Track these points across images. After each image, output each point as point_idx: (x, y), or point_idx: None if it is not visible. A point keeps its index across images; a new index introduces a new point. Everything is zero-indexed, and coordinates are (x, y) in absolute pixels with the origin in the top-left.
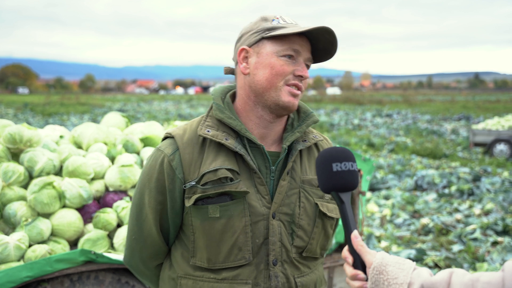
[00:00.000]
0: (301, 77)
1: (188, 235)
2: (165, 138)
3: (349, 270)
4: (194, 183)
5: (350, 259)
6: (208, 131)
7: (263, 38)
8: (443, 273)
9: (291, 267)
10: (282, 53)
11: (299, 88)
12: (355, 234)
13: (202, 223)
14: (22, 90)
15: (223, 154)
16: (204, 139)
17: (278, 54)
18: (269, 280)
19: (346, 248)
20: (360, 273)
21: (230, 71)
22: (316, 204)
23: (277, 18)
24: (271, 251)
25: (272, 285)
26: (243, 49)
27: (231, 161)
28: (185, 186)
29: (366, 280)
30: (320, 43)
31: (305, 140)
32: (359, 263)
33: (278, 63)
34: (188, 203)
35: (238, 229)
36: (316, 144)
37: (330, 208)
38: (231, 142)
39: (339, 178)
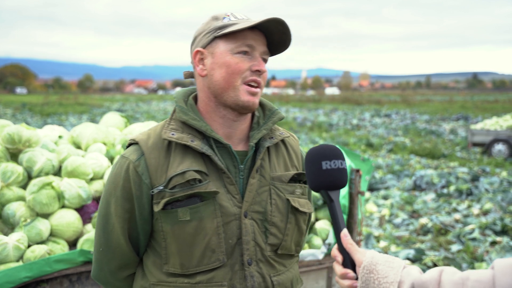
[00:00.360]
0: (259, 72)
1: (160, 242)
2: (129, 145)
3: (339, 269)
4: (162, 187)
5: (339, 257)
6: (173, 134)
7: (215, 38)
8: (433, 272)
9: (267, 266)
10: (236, 50)
11: (258, 84)
12: (344, 232)
13: (172, 228)
14: (20, 90)
15: (190, 156)
16: (170, 142)
17: (232, 51)
18: (245, 281)
19: (335, 246)
20: (350, 272)
21: (189, 75)
22: (288, 200)
23: (228, 16)
24: (245, 251)
25: (248, 285)
26: (197, 51)
27: (199, 163)
28: (152, 192)
29: (356, 279)
30: (274, 35)
31: (272, 137)
32: (349, 262)
33: (233, 61)
34: (157, 208)
35: (210, 231)
36: (283, 141)
37: (302, 203)
38: (197, 144)
39: (328, 176)
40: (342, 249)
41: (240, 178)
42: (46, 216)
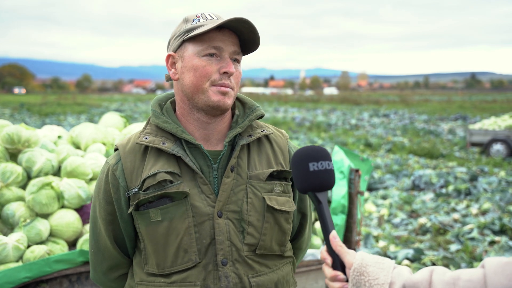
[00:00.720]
0: (227, 74)
1: (140, 242)
2: (115, 150)
3: (329, 271)
4: (136, 189)
5: (329, 260)
6: (146, 138)
7: (184, 41)
8: (424, 272)
9: (244, 266)
10: (203, 53)
11: (227, 86)
12: (333, 234)
13: (146, 228)
14: (18, 90)
15: (163, 159)
16: (146, 146)
17: (199, 54)
18: (219, 281)
19: (324, 248)
20: (340, 274)
21: (169, 78)
22: (264, 198)
23: (198, 17)
24: (219, 251)
25: (222, 285)
26: (169, 56)
27: (172, 164)
28: (128, 194)
29: (346, 281)
30: (244, 34)
31: (250, 135)
32: (339, 264)
33: (200, 64)
34: (130, 209)
35: (182, 231)
36: (268, 138)
37: (281, 201)
38: (168, 146)
39: (315, 178)
40: (331, 251)
41: (214, 178)
42: (45, 216)
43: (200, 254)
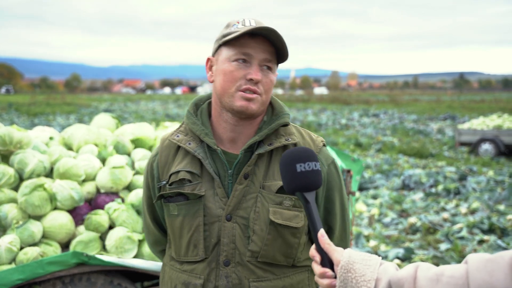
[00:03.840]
0: (253, 81)
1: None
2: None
3: (317, 268)
4: (164, 182)
5: (317, 257)
6: (178, 136)
7: (220, 45)
8: (409, 268)
9: (246, 270)
10: (233, 58)
11: (254, 92)
12: (321, 232)
13: (167, 219)
14: (3, 90)
15: (188, 158)
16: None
17: (230, 59)
18: (219, 279)
19: (313, 247)
20: (328, 271)
21: None
22: (269, 210)
23: (238, 23)
24: (222, 252)
25: (222, 283)
26: (208, 59)
27: (194, 164)
28: (158, 185)
29: (335, 277)
30: (276, 43)
31: (271, 144)
32: (327, 261)
33: (228, 69)
34: (154, 200)
35: (193, 228)
36: (295, 146)
37: (287, 216)
38: (192, 147)
39: (303, 178)
40: (319, 249)
41: (229, 182)
42: (38, 218)
43: (207, 251)
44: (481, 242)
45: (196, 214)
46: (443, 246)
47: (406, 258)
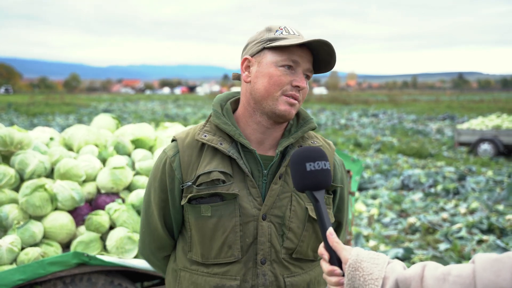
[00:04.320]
0: (298, 87)
1: (187, 231)
2: (172, 141)
3: (326, 266)
4: (190, 183)
5: (326, 255)
6: (205, 135)
7: (264, 48)
8: (416, 267)
9: (280, 267)
10: (281, 63)
11: (296, 98)
12: (330, 231)
13: (196, 221)
14: (3, 90)
15: (218, 158)
16: (203, 143)
17: (277, 64)
18: (257, 278)
19: (322, 245)
20: (336, 269)
21: (237, 77)
22: (307, 208)
23: (281, 29)
24: (259, 251)
25: (260, 282)
26: (245, 59)
27: (225, 165)
28: (182, 186)
29: (343, 275)
30: (320, 54)
31: (300, 146)
32: (335, 259)
33: (276, 73)
34: (183, 201)
35: (228, 228)
36: None
37: None
38: (225, 147)
39: (312, 177)
40: (328, 247)
41: (263, 182)
42: (39, 218)
43: (242, 251)
44: (480, 242)
45: (232, 214)
46: (442, 246)
47: (406, 258)
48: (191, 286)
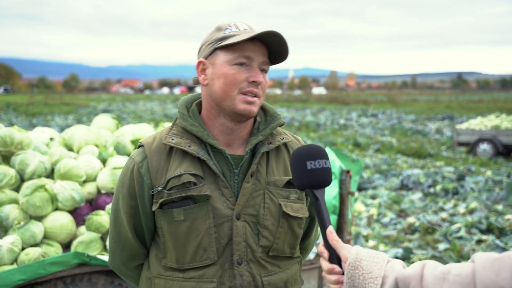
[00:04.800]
0: (255, 83)
1: (160, 237)
2: (138, 147)
3: (325, 264)
4: (160, 188)
5: (326, 254)
6: (173, 139)
7: (216, 49)
8: (416, 266)
9: (258, 266)
10: (234, 61)
11: (255, 95)
12: (330, 229)
13: (168, 226)
14: (2, 89)
15: (187, 160)
16: (172, 147)
17: (230, 63)
18: (234, 279)
19: (321, 243)
20: (336, 267)
21: (196, 81)
22: (280, 204)
23: (230, 27)
24: (235, 251)
25: (237, 283)
26: (200, 62)
27: (195, 167)
28: (152, 192)
29: (342, 273)
30: (273, 46)
31: (270, 143)
32: (335, 258)
33: (230, 72)
34: (154, 207)
35: (202, 231)
36: (286, 145)
37: (295, 208)
38: (193, 149)
39: (313, 176)
40: (328, 246)
41: (235, 182)
42: (39, 218)
43: (218, 253)
44: (479, 242)
45: (206, 216)
46: (442, 246)
47: (405, 258)
48: None
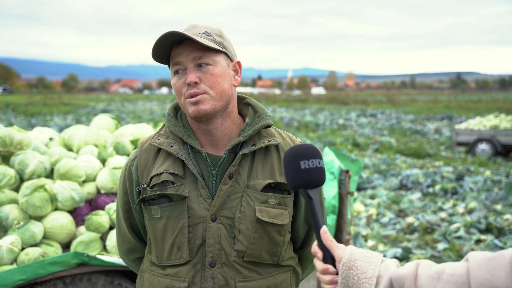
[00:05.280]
0: (189, 85)
1: (147, 233)
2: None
3: (319, 264)
4: (145, 185)
5: (320, 254)
6: (158, 139)
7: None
8: (410, 265)
9: (232, 270)
10: (172, 71)
11: (195, 95)
12: (324, 229)
13: (149, 222)
14: (1, 89)
15: (170, 160)
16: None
17: (173, 74)
18: (205, 281)
19: (315, 243)
20: (330, 267)
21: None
22: (255, 209)
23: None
24: (208, 253)
25: (208, 285)
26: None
27: (177, 166)
28: (138, 188)
29: (336, 273)
30: (188, 39)
31: (254, 144)
32: (329, 258)
33: (173, 83)
34: (134, 203)
35: (176, 230)
36: (276, 146)
37: (273, 214)
38: (174, 149)
39: (307, 176)
40: (322, 246)
41: (213, 183)
42: (39, 218)
43: (192, 253)
44: (478, 241)
45: (180, 215)
46: (441, 246)
47: (404, 258)
48: (149, 286)
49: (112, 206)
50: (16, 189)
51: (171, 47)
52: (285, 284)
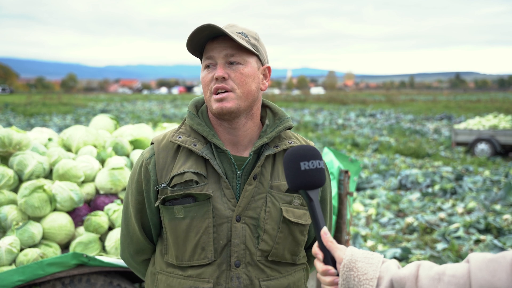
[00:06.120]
0: (217, 79)
1: (163, 233)
2: (151, 144)
3: (320, 265)
4: (165, 185)
5: (320, 255)
6: (180, 137)
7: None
8: (411, 266)
9: (256, 269)
10: (203, 66)
11: (225, 90)
12: (324, 230)
13: (169, 222)
14: (0, 89)
15: (192, 159)
16: (179, 145)
17: (203, 68)
18: (231, 281)
19: (316, 244)
20: (330, 269)
21: None
22: (281, 209)
23: None
24: (233, 253)
25: (233, 285)
26: None
27: (200, 166)
28: (157, 188)
29: (337, 275)
30: (225, 36)
31: (276, 146)
32: (330, 259)
33: (201, 76)
34: (156, 203)
35: (201, 230)
36: None
37: (298, 214)
38: (198, 148)
39: (307, 176)
40: (322, 247)
41: (237, 183)
42: (38, 219)
43: (216, 253)
44: (477, 241)
45: (205, 215)
46: (440, 246)
47: (403, 258)
48: None
49: (111, 207)
50: (15, 190)
51: (206, 41)
52: (300, 282)
